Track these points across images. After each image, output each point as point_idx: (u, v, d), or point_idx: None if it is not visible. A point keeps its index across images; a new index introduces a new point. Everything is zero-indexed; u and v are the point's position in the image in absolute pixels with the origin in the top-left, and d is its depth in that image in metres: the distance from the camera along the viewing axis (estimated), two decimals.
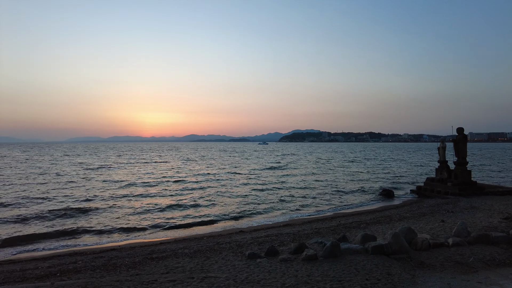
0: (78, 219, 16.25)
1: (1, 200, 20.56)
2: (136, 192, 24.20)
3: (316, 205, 20.34)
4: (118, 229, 14.66)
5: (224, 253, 9.36)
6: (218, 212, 17.89)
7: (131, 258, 9.48)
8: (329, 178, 33.68)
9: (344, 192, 24.89)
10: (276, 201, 21.19)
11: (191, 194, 23.42)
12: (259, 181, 30.54)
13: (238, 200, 21.30)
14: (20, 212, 17.44)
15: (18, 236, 13.44)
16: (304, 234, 11.75)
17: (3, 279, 8.17)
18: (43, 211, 17.71)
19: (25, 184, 27.80)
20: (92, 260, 9.71)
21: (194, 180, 30.81)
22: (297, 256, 8.09)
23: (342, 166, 48.23)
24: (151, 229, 14.86)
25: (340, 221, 14.79)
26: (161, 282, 6.75)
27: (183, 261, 8.65)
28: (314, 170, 41.69)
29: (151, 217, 16.85)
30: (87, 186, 27.23)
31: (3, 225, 14.97)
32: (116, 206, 19.14)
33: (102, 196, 22.33)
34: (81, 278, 7.67)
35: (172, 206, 19.29)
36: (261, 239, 11.24)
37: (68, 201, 20.43)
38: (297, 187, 26.96)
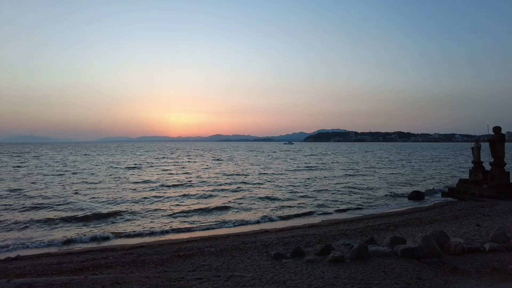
0: (109, 216, 16.87)
1: (39, 198, 21.73)
2: (167, 191, 24.80)
3: (343, 206, 19.98)
4: (149, 226, 15.10)
5: (249, 252, 9.40)
6: (246, 212, 17.99)
7: (159, 255, 9.73)
8: (357, 179, 33.01)
9: (372, 193, 24.30)
10: (303, 201, 21.00)
11: (221, 193, 23.69)
12: (288, 182, 30.35)
13: (267, 200, 21.26)
14: (55, 208, 18.36)
15: (54, 230, 14.16)
16: (331, 236, 11.58)
17: (42, 271, 8.63)
18: (76, 208, 18.56)
19: (60, 183, 29.23)
20: (122, 256, 10.05)
21: (226, 181, 31.02)
22: (323, 258, 7.98)
23: (371, 167, 47.04)
24: (179, 225, 15.20)
25: (367, 223, 14.46)
26: (188, 280, 6.86)
27: (209, 260, 8.76)
28: (343, 171, 40.90)
29: (179, 215, 17.21)
30: (119, 184, 28.21)
31: (39, 220, 15.81)
32: (147, 204, 19.71)
33: (133, 195, 23.06)
34: (112, 273, 7.95)
35: (201, 205, 19.63)
36: (287, 239, 11.19)
37: (101, 199, 21.27)
38: (325, 188, 26.56)
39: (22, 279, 7.56)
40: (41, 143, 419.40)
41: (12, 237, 13.42)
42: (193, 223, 15.91)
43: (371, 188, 26.63)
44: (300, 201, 21.28)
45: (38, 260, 10.26)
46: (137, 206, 19.16)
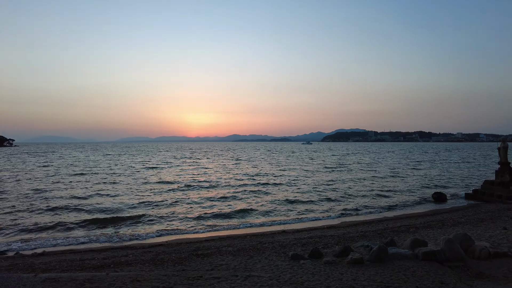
0: (130, 215, 17.24)
1: (63, 197, 22.49)
2: (187, 191, 25.13)
3: (362, 207, 19.65)
4: (168, 226, 15.35)
5: (267, 252, 9.39)
6: (265, 212, 17.99)
7: (177, 254, 9.86)
8: (378, 179, 32.40)
9: (392, 194, 23.77)
10: (321, 202, 20.79)
11: (240, 194, 23.75)
12: (306, 182, 30.10)
13: (286, 200, 21.14)
14: (79, 207, 18.95)
15: (77, 228, 14.62)
16: (349, 237, 11.42)
17: (66, 267, 8.91)
18: (99, 207, 19.10)
19: (83, 182, 30.15)
20: (141, 254, 10.25)
21: (246, 182, 31.11)
22: (342, 259, 7.88)
23: (391, 168, 46.02)
24: (198, 225, 15.36)
25: (387, 225, 14.18)
26: (206, 279, 6.93)
27: (227, 259, 8.82)
28: (364, 172, 40.15)
29: (198, 214, 17.39)
30: (141, 185, 28.81)
31: (64, 219, 16.35)
32: (167, 204, 20.03)
33: (153, 195, 23.50)
34: (132, 271, 8.12)
35: (220, 206, 19.77)
36: (304, 240, 11.12)
37: (122, 199, 21.78)
38: (344, 189, 26.20)
39: (48, 274, 7.84)
40: (64, 143, 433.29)
41: (38, 234, 13.92)
42: (212, 221, 16.04)
43: (392, 189, 26.07)
44: (318, 201, 21.07)
45: (62, 256, 10.60)
46: (157, 206, 19.47)
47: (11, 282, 7.01)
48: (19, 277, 7.39)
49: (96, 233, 14.14)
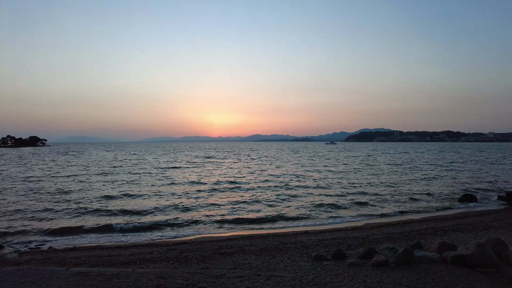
0: (155, 212, 17.69)
1: (95, 194, 23.35)
2: (213, 190, 25.45)
3: (388, 208, 19.18)
4: (191, 223, 15.63)
5: (289, 253, 9.37)
6: (288, 212, 17.94)
7: (201, 252, 10.01)
8: (405, 180, 31.53)
9: (419, 196, 23.06)
10: (346, 203, 20.45)
11: (265, 195, 23.81)
12: (331, 182, 29.67)
13: (310, 201, 20.95)
14: (108, 204, 19.64)
15: (104, 225, 15.15)
16: (374, 239, 11.19)
17: (95, 262, 9.26)
18: (126, 205, 19.72)
19: (113, 181, 31.18)
20: (166, 251, 10.48)
21: (272, 181, 31.08)
22: (366, 261, 7.75)
23: (418, 168, 44.63)
24: (221, 224, 15.54)
25: (413, 227, 13.78)
26: (229, 277, 7.00)
27: (249, 258, 8.87)
28: (391, 172, 38.99)
29: (222, 213, 17.59)
30: (168, 183, 29.50)
31: (93, 214, 17.00)
32: (192, 202, 20.40)
33: (178, 193, 23.98)
34: (157, 268, 8.33)
35: (245, 204, 19.92)
36: (327, 241, 11.00)
37: (150, 196, 22.38)
38: (370, 189, 25.62)
39: (78, 268, 8.18)
40: (91, 143, 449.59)
41: (69, 230, 14.53)
42: (235, 221, 16.16)
43: (419, 190, 25.30)
44: (342, 202, 20.75)
45: (91, 252, 11.02)
46: (181, 205, 19.82)
47: (46, 274, 7.36)
48: (53, 270, 7.75)
49: (123, 230, 14.58)
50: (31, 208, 18.63)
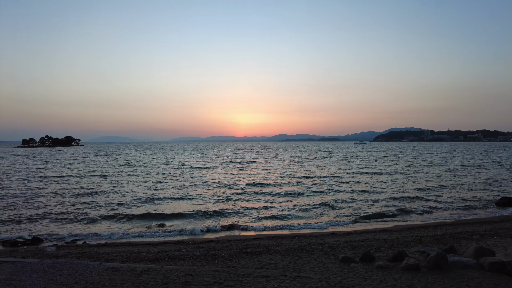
0: (184, 210, 18.07)
1: (130, 193, 24.21)
2: (241, 189, 25.71)
3: (419, 209, 18.50)
4: (218, 221, 15.83)
5: (316, 254, 9.26)
6: (315, 213, 17.77)
7: (227, 251, 10.10)
8: (438, 181, 30.28)
9: (454, 198, 22.06)
10: (377, 204, 19.93)
11: (292, 194, 23.72)
12: (363, 183, 28.98)
13: (341, 201, 20.56)
14: (138, 203, 20.31)
15: (135, 223, 15.65)
16: (404, 242, 10.84)
17: (125, 257, 9.58)
18: (158, 204, 20.30)
19: (146, 180, 32.18)
20: (193, 249, 10.66)
21: (302, 183, 30.84)
22: (395, 264, 7.52)
23: (452, 169, 42.64)
24: (248, 223, 15.63)
25: (446, 230, 13.21)
26: (255, 277, 7.02)
27: (275, 258, 8.85)
28: (426, 174, 37.05)
29: (250, 212, 17.70)
30: (197, 182, 30.08)
31: (128, 213, 17.62)
32: (220, 200, 20.69)
33: (207, 192, 24.37)
34: (184, 265, 8.49)
35: (273, 205, 19.94)
36: (355, 243, 10.77)
37: (180, 195, 22.91)
38: (402, 190, 24.77)
39: (110, 263, 8.50)
40: (122, 143, 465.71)
41: (102, 227, 15.14)
42: (263, 221, 16.20)
43: (454, 192, 24.23)
44: (373, 203, 20.24)
45: (122, 248, 11.41)
46: (209, 204, 20.13)
47: (81, 268, 7.71)
48: (87, 264, 8.11)
49: (151, 228, 15.00)
50: (68, 205, 19.59)
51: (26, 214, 17.17)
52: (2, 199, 21.22)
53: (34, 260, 8.90)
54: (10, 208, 18.75)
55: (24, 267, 7.98)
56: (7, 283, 6.51)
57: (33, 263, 8.41)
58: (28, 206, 19.16)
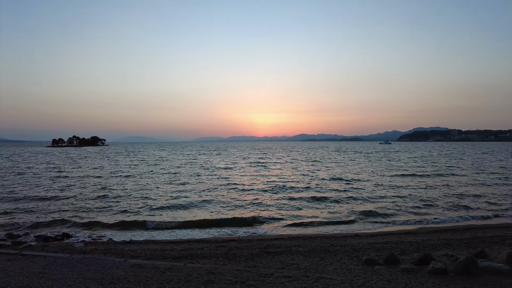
0: (206, 208, 18.31)
1: (161, 193, 24.79)
2: (264, 190, 25.79)
3: (446, 212, 17.89)
4: (241, 221, 15.94)
5: (338, 255, 9.14)
6: (339, 214, 17.55)
7: (249, 250, 10.14)
8: (469, 182, 29.13)
9: (485, 200, 21.16)
10: (400, 205, 19.45)
11: (318, 194, 23.54)
12: (388, 184, 28.29)
13: (364, 203, 20.16)
14: (162, 201, 20.76)
15: (159, 220, 16.01)
16: (430, 245, 10.51)
17: (149, 255, 9.81)
18: (180, 200, 20.67)
19: (169, 182, 32.83)
20: (215, 248, 10.77)
21: (330, 186, 30.66)
22: (421, 268, 7.31)
23: (485, 170, 40.87)
24: (270, 223, 15.64)
25: (475, 234, 12.70)
26: (277, 277, 7.00)
27: (297, 259, 8.80)
28: (457, 176, 35.38)
29: (274, 213, 17.71)
30: (222, 182, 30.41)
31: (152, 211, 18.05)
32: (244, 200, 20.83)
33: (231, 192, 24.60)
34: (207, 263, 8.59)
35: (296, 205, 19.88)
36: (379, 245, 10.55)
37: (203, 194, 23.23)
38: (432, 192, 24.00)
39: (135, 260, 8.72)
40: (146, 143, 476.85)
41: (127, 225, 15.55)
42: (285, 221, 16.17)
43: (484, 194, 23.26)
44: (397, 204, 19.74)
45: (146, 245, 11.68)
46: (232, 203, 20.29)
47: (107, 264, 7.96)
48: (113, 261, 8.35)
49: (174, 226, 15.28)
50: (95, 202, 20.30)
51: (57, 210, 17.94)
52: (39, 196, 22.26)
53: (64, 255, 9.27)
54: (43, 204, 19.65)
55: (55, 261, 8.32)
56: (40, 276, 6.81)
57: (63, 258, 8.76)
58: (58, 203, 20.00)
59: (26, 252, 9.94)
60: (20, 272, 7.18)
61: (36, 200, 21.13)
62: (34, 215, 17.06)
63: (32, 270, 7.41)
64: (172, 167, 47.31)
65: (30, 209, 18.39)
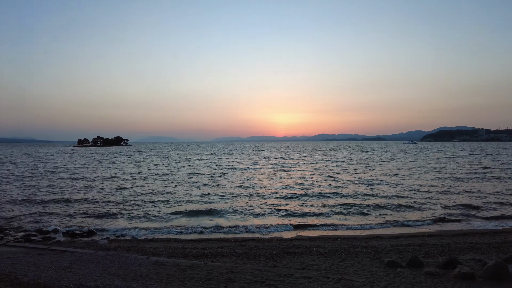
0: (226, 208, 18.45)
1: (182, 192, 25.24)
2: (284, 189, 25.75)
3: (475, 214, 17.22)
4: (260, 220, 15.95)
5: (360, 257, 8.99)
6: (362, 215, 17.25)
7: (269, 250, 10.14)
8: (499, 185, 27.90)
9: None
10: (428, 206, 18.88)
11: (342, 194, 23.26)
12: (415, 185, 27.57)
13: (390, 204, 19.62)
14: (185, 199, 21.08)
15: (181, 220, 16.26)
16: (456, 248, 10.17)
17: (171, 253, 9.99)
18: (203, 199, 20.94)
19: (194, 182, 33.31)
20: (235, 247, 10.83)
21: (356, 189, 30.22)
22: (446, 272, 7.08)
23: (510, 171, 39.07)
24: (289, 223, 15.56)
25: (506, 238, 12.17)
26: (297, 277, 6.97)
27: (317, 260, 8.73)
28: (491, 179, 33.13)
29: (293, 214, 17.64)
30: (243, 182, 30.59)
31: (176, 211, 18.37)
32: (265, 200, 20.87)
33: (252, 191, 24.70)
34: (227, 262, 8.66)
35: (318, 206, 19.74)
36: (401, 247, 10.31)
37: (225, 194, 23.46)
38: (458, 194, 23.20)
39: (157, 257, 8.90)
40: (167, 143, 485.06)
41: (150, 223, 15.90)
42: (305, 221, 16.06)
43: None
44: (423, 205, 19.19)
45: (167, 244, 11.91)
46: (252, 203, 20.35)
47: (130, 261, 8.17)
48: (136, 258, 8.56)
49: (195, 225, 15.46)
50: (120, 201, 20.87)
51: (83, 208, 18.58)
52: (68, 193, 23.16)
53: (90, 251, 9.59)
54: (71, 202, 20.40)
55: (81, 257, 8.63)
56: (68, 270, 7.08)
57: (88, 254, 9.06)
58: (84, 201, 20.71)
59: (54, 248, 10.36)
60: (49, 266, 7.49)
61: (64, 198, 21.94)
62: (62, 212, 17.75)
63: (61, 264, 7.71)
64: (194, 166, 48.00)
65: (58, 207, 19.15)
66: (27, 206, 19.46)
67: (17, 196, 22.53)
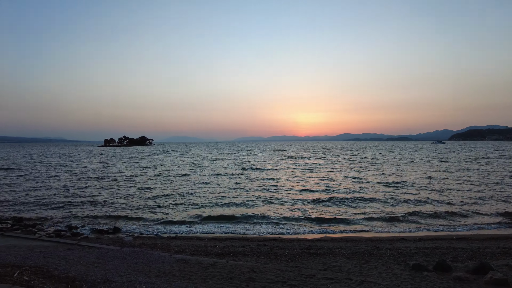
0: (251, 209, 18.52)
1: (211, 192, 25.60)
2: (306, 191, 25.58)
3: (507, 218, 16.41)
4: (281, 221, 15.90)
5: (384, 259, 8.78)
6: (385, 217, 16.83)
7: (290, 250, 10.08)
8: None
9: None
10: (455, 207, 18.19)
11: (365, 197, 22.87)
12: (446, 186, 26.71)
13: (416, 206, 19.17)
14: (206, 201, 21.35)
15: (207, 218, 16.48)
16: (487, 253, 9.72)
17: (193, 251, 10.12)
18: (228, 200, 21.12)
19: (216, 184, 33.68)
20: (257, 247, 10.85)
21: (385, 191, 29.66)
22: (477, 277, 6.78)
23: None
24: (311, 225, 15.42)
25: None
26: (319, 278, 6.88)
27: (340, 261, 8.59)
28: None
29: (315, 215, 17.48)
30: (263, 184, 30.66)
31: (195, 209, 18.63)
32: (285, 201, 20.82)
33: (274, 192, 24.68)
34: (248, 261, 8.68)
35: (340, 208, 19.47)
36: (428, 250, 9.97)
37: (254, 195, 23.57)
38: (493, 197, 22.10)
39: (180, 255, 9.05)
40: (190, 142, 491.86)
41: (174, 222, 16.21)
42: (327, 224, 15.87)
43: None
44: (449, 205, 18.48)
45: (190, 241, 12.08)
46: (276, 203, 20.33)
47: (154, 257, 8.35)
48: (159, 255, 8.74)
49: (217, 224, 15.62)
50: (145, 200, 21.42)
51: (110, 206, 19.21)
52: (95, 190, 24.04)
53: (115, 248, 9.89)
54: (97, 200, 21.13)
55: (108, 253, 8.90)
56: (95, 266, 7.32)
57: (114, 250, 9.35)
58: (110, 199, 21.39)
59: (83, 243, 10.76)
60: (78, 260, 7.78)
61: (91, 196, 22.77)
62: (89, 210, 18.42)
63: (88, 259, 7.99)
64: (218, 167, 48.48)
65: (86, 204, 19.88)
66: (58, 203, 20.32)
67: (49, 193, 23.64)
